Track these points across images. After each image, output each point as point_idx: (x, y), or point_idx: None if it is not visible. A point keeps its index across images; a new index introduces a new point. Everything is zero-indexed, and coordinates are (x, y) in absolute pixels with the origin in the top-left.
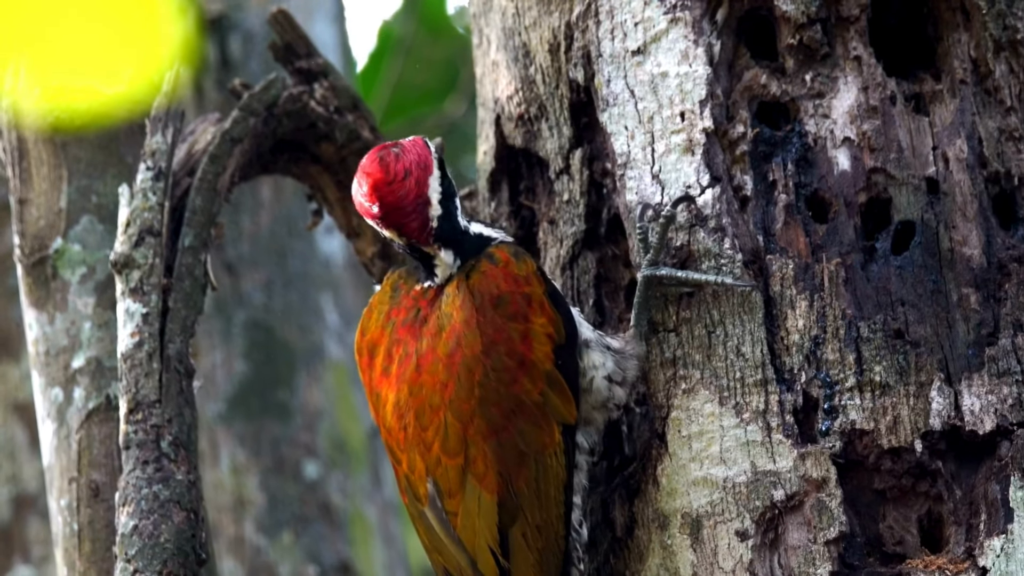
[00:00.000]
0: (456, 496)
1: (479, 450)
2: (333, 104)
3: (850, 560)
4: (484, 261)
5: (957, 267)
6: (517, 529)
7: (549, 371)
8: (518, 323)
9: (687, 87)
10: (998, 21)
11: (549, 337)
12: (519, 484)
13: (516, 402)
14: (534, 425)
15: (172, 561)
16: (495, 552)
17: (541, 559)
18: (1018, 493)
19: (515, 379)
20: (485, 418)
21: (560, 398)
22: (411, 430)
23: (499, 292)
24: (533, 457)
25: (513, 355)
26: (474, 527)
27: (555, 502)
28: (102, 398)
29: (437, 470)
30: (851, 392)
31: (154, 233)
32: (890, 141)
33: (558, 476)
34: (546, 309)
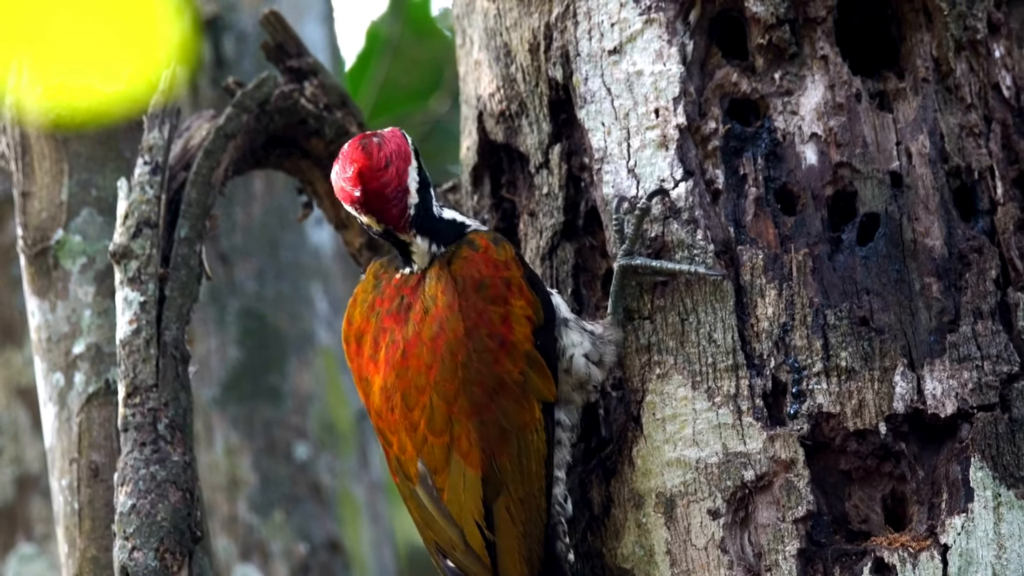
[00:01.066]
0: (442, 473)
1: (463, 428)
2: (323, 101)
3: (817, 537)
4: (465, 247)
5: (920, 257)
6: (501, 503)
7: (529, 351)
8: (498, 306)
9: (661, 85)
10: (959, 22)
11: (528, 319)
12: (502, 460)
13: (498, 382)
14: (515, 403)
15: (168, 538)
16: (480, 525)
17: (525, 531)
18: (978, 474)
19: (496, 360)
20: (468, 398)
21: (540, 377)
22: (398, 412)
23: (480, 276)
24: (515, 434)
25: (494, 337)
26: (460, 502)
27: (536, 476)
28: (101, 383)
29: (424, 449)
30: (818, 377)
31: (151, 225)
32: (855, 137)
33: (539, 451)
34: (525, 292)
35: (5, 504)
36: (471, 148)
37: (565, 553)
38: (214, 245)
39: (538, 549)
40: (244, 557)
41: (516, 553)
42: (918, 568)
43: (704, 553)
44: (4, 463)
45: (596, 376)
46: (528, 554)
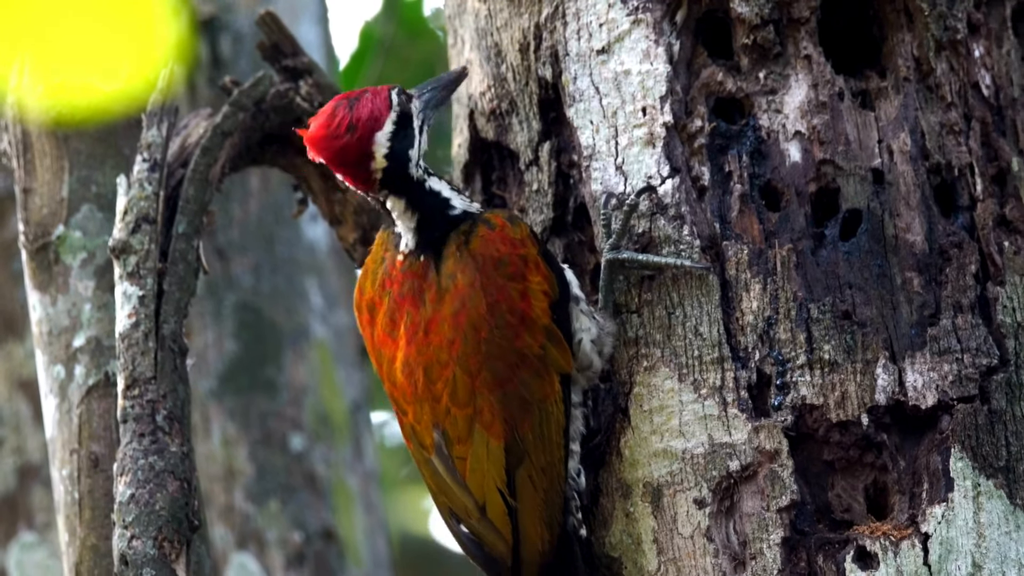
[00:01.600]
0: (465, 443)
1: (486, 400)
2: (317, 100)
3: (801, 526)
4: (481, 226)
5: (901, 252)
6: (524, 471)
7: (547, 325)
8: (517, 283)
9: (648, 84)
10: (939, 22)
11: (545, 294)
12: (524, 430)
13: (519, 356)
14: (536, 376)
15: (167, 527)
16: (503, 492)
17: (546, 498)
18: (958, 464)
19: (517, 335)
20: (491, 371)
21: (558, 350)
22: (420, 385)
23: (499, 255)
24: (536, 405)
25: (514, 313)
26: (483, 470)
27: (557, 446)
28: (101, 375)
29: (446, 420)
30: (802, 369)
31: (150, 221)
32: (838, 134)
33: (559, 422)
34: (541, 268)
35: (7, 493)
36: (462, 146)
37: (577, 529)
38: (211, 240)
39: (558, 516)
40: (240, 546)
41: (538, 518)
42: (899, 556)
43: (690, 541)
44: (6, 453)
45: (597, 364)
46: (549, 520)
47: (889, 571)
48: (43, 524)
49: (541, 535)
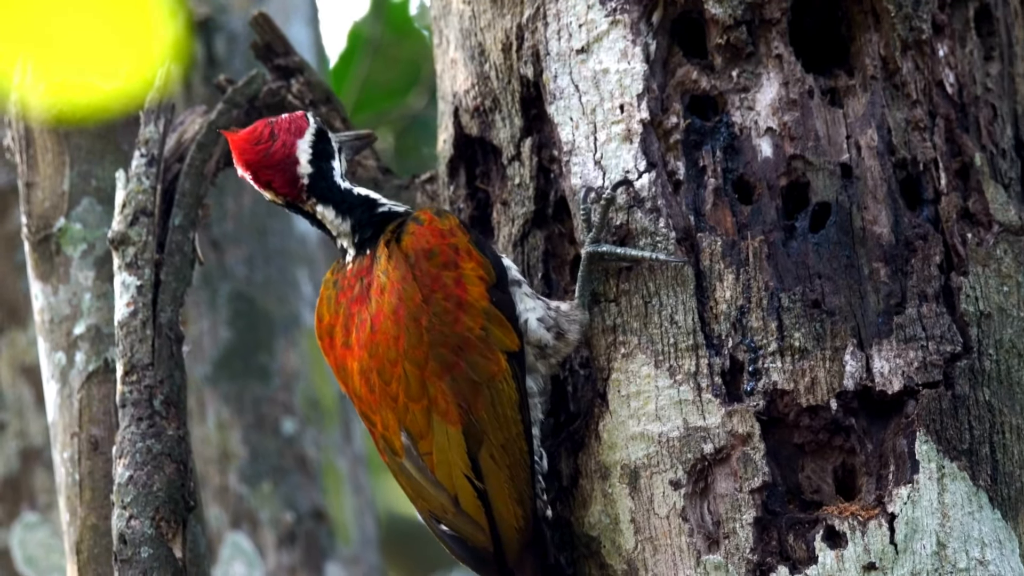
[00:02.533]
0: (427, 437)
1: (437, 389)
2: (308, 98)
3: (772, 507)
4: (411, 223)
5: (868, 244)
6: (485, 451)
7: (486, 308)
8: (450, 270)
9: (626, 82)
10: (905, 23)
11: (481, 279)
12: (478, 411)
13: (461, 339)
14: (481, 356)
15: (164, 508)
16: (469, 477)
17: (511, 475)
18: (923, 447)
19: (456, 319)
20: (437, 359)
21: (500, 329)
22: (378, 389)
23: (429, 246)
24: (485, 384)
25: (451, 299)
26: (448, 460)
27: (512, 421)
28: (101, 361)
29: (407, 417)
30: (773, 356)
31: (147, 213)
32: (808, 131)
33: (511, 398)
34: (474, 255)
35: (10, 475)
36: (447, 141)
37: (543, 510)
38: (206, 232)
39: (528, 490)
40: (234, 525)
41: (506, 495)
42: (867, 535)
43: (666, 521)
44: (9, 437)
45: (553, 345)
46: (519, 496)
47: (857, 550)
48: (45, 504)
49: (514, 512)
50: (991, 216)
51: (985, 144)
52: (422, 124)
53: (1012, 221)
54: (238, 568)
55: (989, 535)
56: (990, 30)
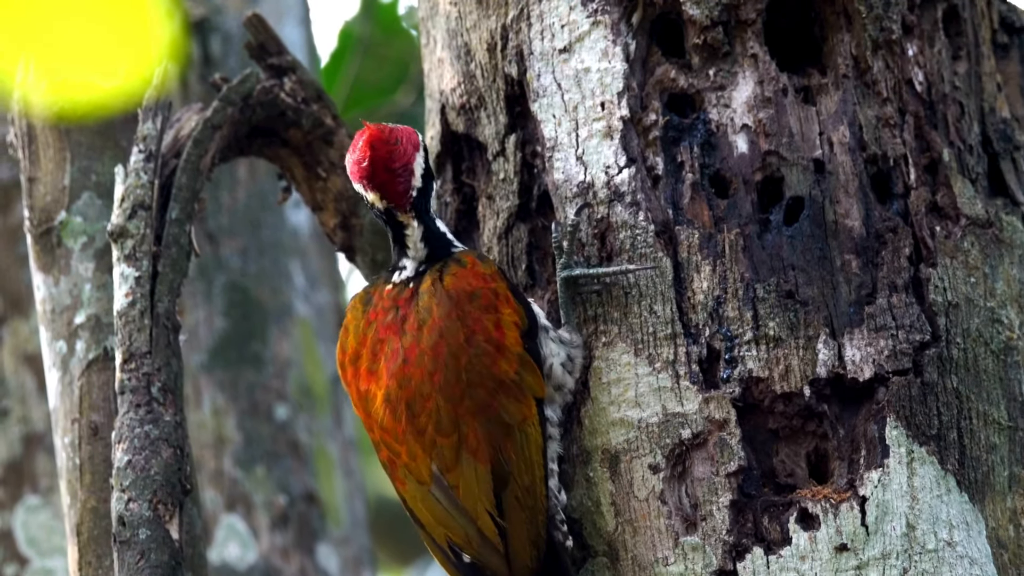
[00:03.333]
0: (453, 471)
1: (470, 427)
2: (300, 96)
3: (748, 490)
4: (453, 265)
5: (840, 236)
6: (510, 492)
7: (521, 353)
8: (491, 314)
9: (607, 81)
10: (876, 23)
11: (515, 324)
12: (508, 453)
13: (497, 382)
14: (515, 400)
15: (161, 491)
16: (492, 514)
17: (531, 516)
18: (893, 432)
19: (494, 362)
20: (473, 398)
21: (532, 376)
22: (404, 420)
23: (472, 288)
24: (516, 428)
25: (490, 341)
26: (474, 496)
27: (538, 465)
28: (100, 350)
29: (433, 451)
30: (748, 345)
31: (145, 207)
32: (782, 127)
33: (537, 443)
34: (511, 301)
35: (13, 460)
36: (435, 138)
37: (563, 541)
38: (202, 225)
39: (542, 533)
40: (229, 508)
41: (524, 537)
42: (839, 518)
43: (645, 504)
44: (12, 423)
45: (569, 382)
46: (535, 538)
47: (829, 531)
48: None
49: (529, 552)
50: (959, 210)
51: (953, 140)
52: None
53: (979, 215)
54: (233, 549)
55: (957, 517)
56: (958, 30)
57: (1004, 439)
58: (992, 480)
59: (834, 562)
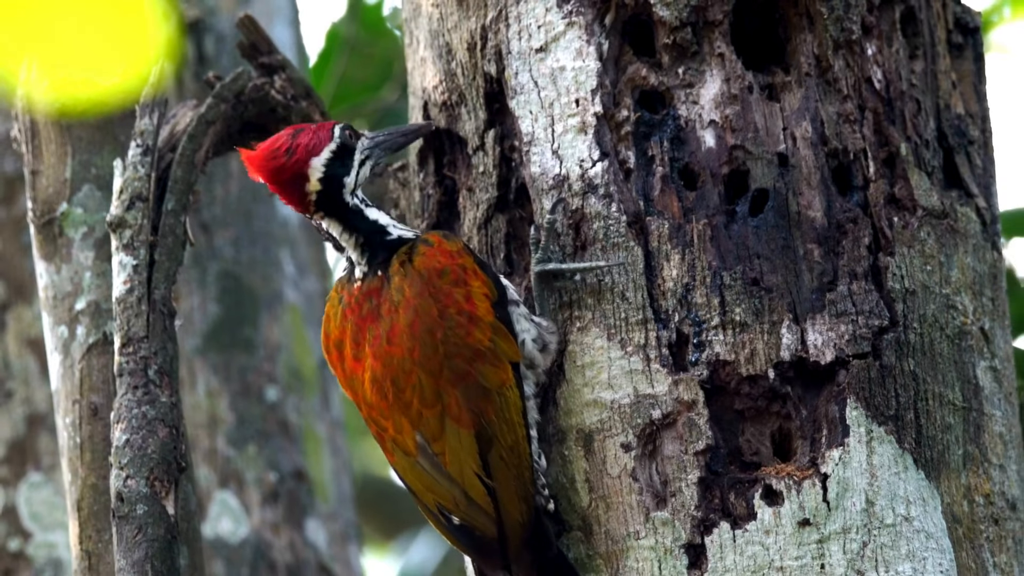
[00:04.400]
0: (439, 439)
1: (451, 396)
2: (290, 93)
3: (715, 468)
4: (421, 245)
5: (803, 227)
6: (494, 453)
7: (493, 322)
8: (460, 287)
9: (581, 78)
10: (837, 24)
11: (486, 296)
12: (489, 416)
13: (473, 351)
14: (491, 366)
15: (157, 468)
16: (480, 476)
17: (518, 474)
18: (853, 413)
19: (469, 332)
20: (451, 368)
21: (506, 342)
22: (391, 397)
23: (440, 266)
24: (495, 392)
25: (462, 313)
26: (460, 460)
27: (518, 425)
28: (100, 334)
29: (420, 423)
30: (716, 329)
31: (143, 199)
32: (748, 123)
33: (516, 404)
34: (479, 274)
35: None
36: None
37: (544, 505)
38: (197, 216)
39: (530, 489)
40: (222, 485)
41: (513, 493)
42: (802, 494)
43: (618, 481)
44: (16, 404)
45: (540, 360)
46: (523, 492)
47: (793, 507)
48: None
49: (519, 508)
50: (915, 201)
51: (910, 135)
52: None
53: (934, 206)
54: (225, 524)
55: (914, 493)
56: (915, 31)
57: (958, 419)
58: (947, 458)
59: (797, 536)
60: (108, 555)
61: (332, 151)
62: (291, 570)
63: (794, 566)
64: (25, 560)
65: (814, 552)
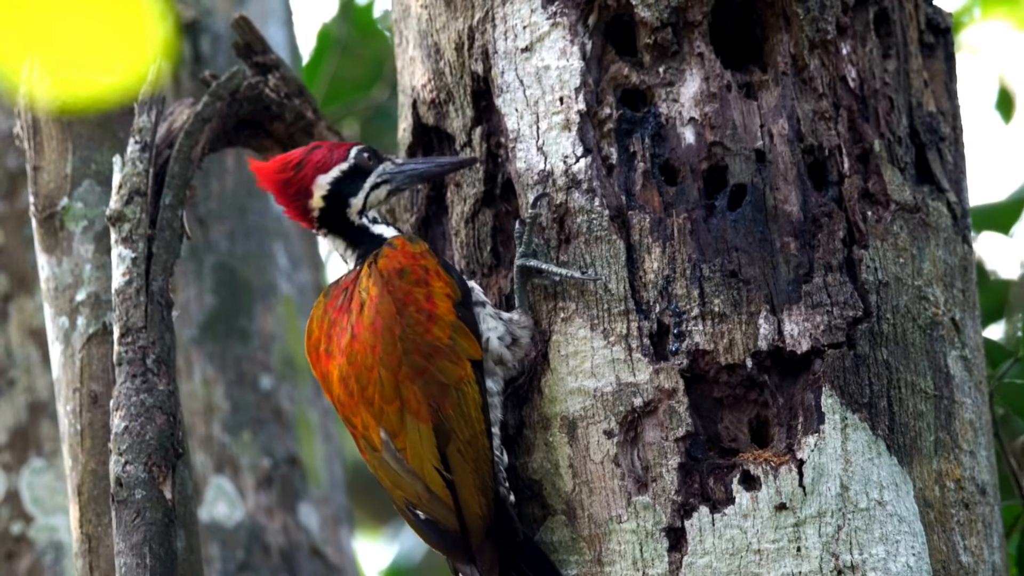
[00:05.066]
0: (400, 435)
1: (410, 391)
2: (283, 91)
3: (694, 454)
4: (385, 247)
5: (780, 220)
6: (452, 447)
7: (453, 321)
8: (421, 287)
9: (565, 77)
10: (812, 25)
11: (448, 296)
12: (447, 410)
13: (431, 347)
14: (450, 362)
15: (155, 454)
16: (439, 469)
17: (476, 467)
18: (828, 400)
19: (427, 329)
20: (410, 364)
21: (466, 340)
22: (356, 394)
23: (400, 266)
24: (453, 387)
25: (422, 312)
26: (420, 455)
27: (476, 420)
28: (99, 325)
29: (382, 419)
30: (695, 320)
31: (141, 194)
32: (726, 120)
33: (475, 400)
34: (441, 275)
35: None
36: (407, 130)
37: (507, 495)
38: (193, 210)
39: (489, 482)
40: (218, 470)
41: (472, 485)
42: (779, 479)
43: (600, 467)
44: (19, 392)
45: (509, 356)
46: (482, 486)
47: (770, 492)
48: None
49: (478, 501)
50: (889, 196)
51: (883, 132)
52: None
53: (907, 200)
54: (221, 508)
55: (887, 479)
56: (888, 31)
57: (930, 407)
58: (919, 444)
59: (774, 520)
60: (107, 538)
61: (342, 171)
62: (284, 553)
63: (771, 549)
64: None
65: (790, 535)
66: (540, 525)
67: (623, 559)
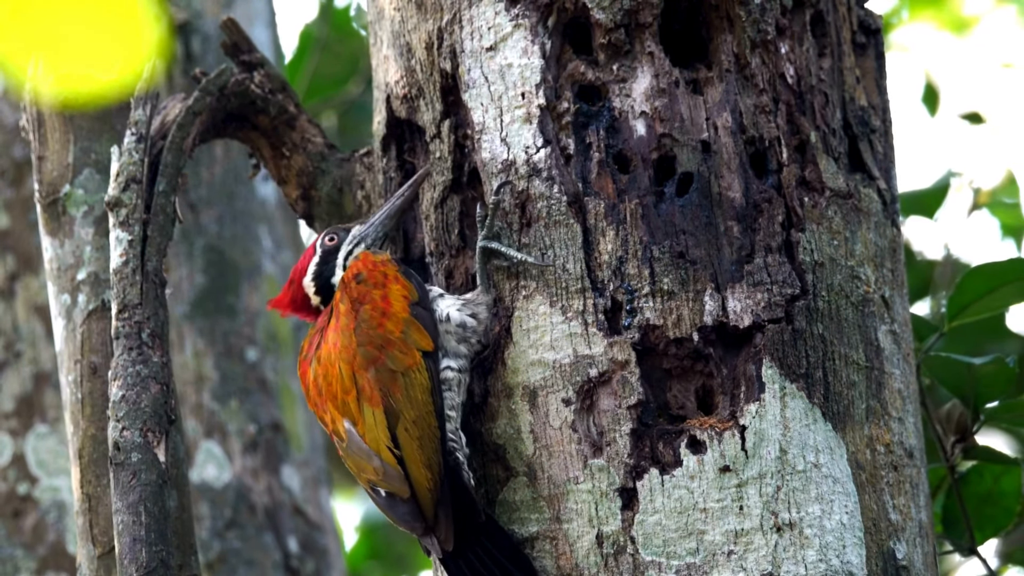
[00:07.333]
0: (359, 421)
1: (364, 379)
2: (268, 87)
3: (645, 420)
4: (352, 260)
5: (724, 206)
6: (400, 426)
7: (407, 318)
8: (378, 289)
9: (527, 74)
10: (754, 26)
11: (404, 297)
12: (396, 394)
13: (383, 339)
14: (400, 352)
15: (150, 421)
16: (390, 447)
17: (420, 444)
18: (768, 371)
19: (380, 324)
20: (363, 355)
21: (417, 334)
22: (324, 391)
23: (358, 271)
24: (401, 373)
25: (376, 309)
26: (376, 437)
27: (423, 403)
28: (99, 302)
29: (345, 409)
30: (646, 297)
31: (137, 181)
32: (675, 114)
33: (423, 384)
34: (400, 279)
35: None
36: (381, 123)
37: (460, 470)
38: (185, 196)
39: (436, 458)
40: (207, 435)
41: (418, 461)
42: (723, 443)
43: (559, 432)
44: (25, 363)
45: (471, 325)
46: (428, 461)
47: (715, 455)
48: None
49: (425, 475)
50: (824, 183)
51: (819, 125)
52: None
53: (841, 187)
54: (210, 470)
55: (822, 443)
56: (823, 31)
57: (862, 377)
58: (852, 412)
59: (718, 481)
60: (106, 498)
61: (316, 264)
62: (268, 511)
63: (716, 507)
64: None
65: (733, 495)
66: (504, 486)
67: (580, 517)
